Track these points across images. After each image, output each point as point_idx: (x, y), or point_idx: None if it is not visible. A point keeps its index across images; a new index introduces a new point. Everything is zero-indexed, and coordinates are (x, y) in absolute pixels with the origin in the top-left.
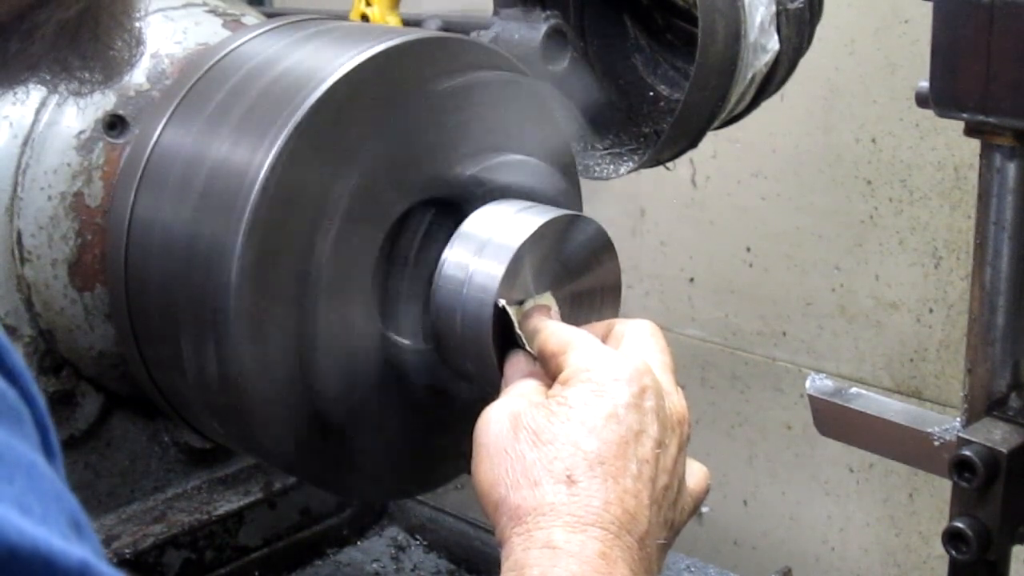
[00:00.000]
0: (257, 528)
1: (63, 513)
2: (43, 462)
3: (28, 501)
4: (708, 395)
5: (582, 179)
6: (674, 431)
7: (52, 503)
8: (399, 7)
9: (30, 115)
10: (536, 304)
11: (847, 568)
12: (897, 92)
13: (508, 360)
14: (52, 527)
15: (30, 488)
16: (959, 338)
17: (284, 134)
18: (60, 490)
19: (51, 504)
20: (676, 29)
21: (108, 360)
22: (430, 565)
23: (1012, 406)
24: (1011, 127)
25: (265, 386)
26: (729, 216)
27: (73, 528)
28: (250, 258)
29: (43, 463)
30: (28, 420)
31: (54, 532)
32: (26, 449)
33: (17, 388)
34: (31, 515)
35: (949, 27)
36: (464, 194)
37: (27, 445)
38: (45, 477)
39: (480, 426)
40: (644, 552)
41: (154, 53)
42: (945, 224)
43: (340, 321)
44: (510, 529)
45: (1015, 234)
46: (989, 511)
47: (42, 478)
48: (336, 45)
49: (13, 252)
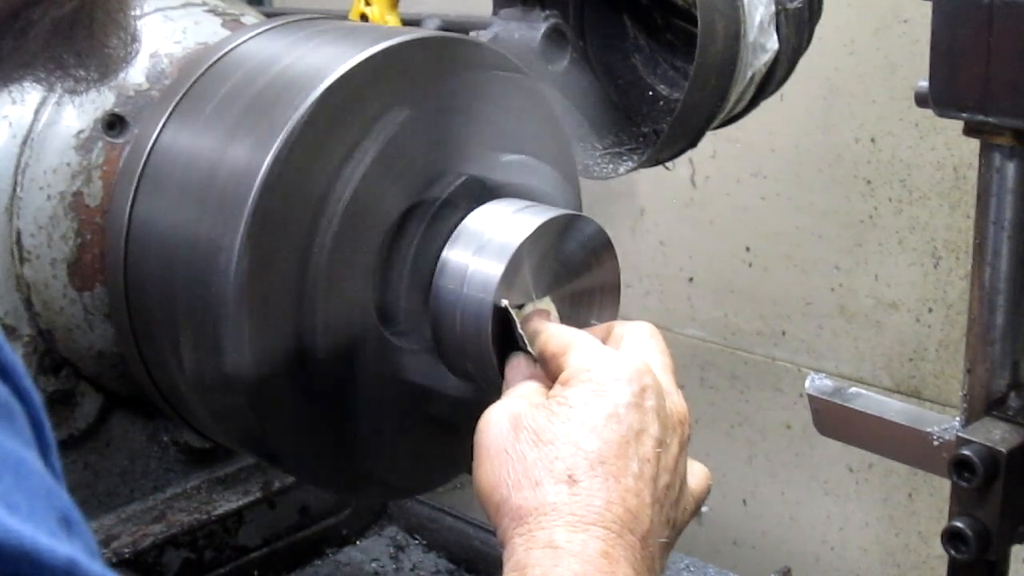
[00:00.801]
0: (257, 528)
1: (53, 510)
2: (33, 459)
3: (15, 498)
4: (708, 395)
5: (582, 179)
6: (675, 430)
7: (41, 500)
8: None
9: (29, 115)
10: (536, 308)
11: (846, 568)
12: (897, 92)
13: (509, 363)
14: (39, 524)
15: (17, 485)
16: (958, 338)
17: (284, 134)
18: (50, 487)
19: (39, 501)
20: (676, 29)
21: (108, 360)
22: (429, 565)
23: (1011, 406)
24: (1011, 127)
25: (264, 386)
26: (729, 216)
27: (63, 526)
28: (249, 258)
29: (33, 460)
30: (20, 416)
31: (41, 529)
32: (15, 445)
33: (9, 384)
34: (18, 512)
35: (949, 27)
36: (464, 194)
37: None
38: (34, 474)
39: (481, 428)
40: (646, 551)
41: (153, 53)
42: (944, 224)
43: (340, 321)
44: (512, 530)
45: (1015, 234)
46: (988, 511)
47: (31, 475)
48: (335, 45)
49: (12, 252)
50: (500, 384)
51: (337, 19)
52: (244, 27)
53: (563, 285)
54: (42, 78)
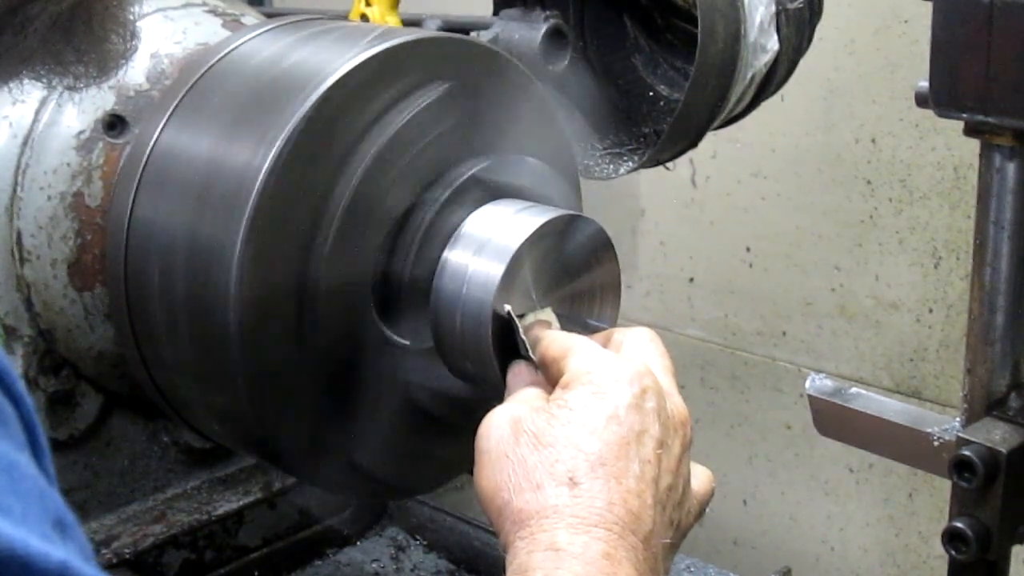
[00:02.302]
0: (257, 528)
1: (46, 513)
2: (26, 461)
3: (8, 501)
4: (708, 395)
5: (582, 179)
6: (677, 432)
7: (34, 503)
8: (399, 7)
9: (30, 115)
10: (537, 320)
11: (847, 568)
12: (897, 92)
13: (511, 370)
14: (33, 528)
15: (10, 488)
16: (959, 338)
17: (284, 134)
18: (43, 490)
19: (33, 504)
20: (676, 29)
21: (108, 360)
22: (430, 565)
23: (1012, 406)
24: (1011, 127)
25: (264, 386)
26: (729, 216)
27: (57, 529)
28: (250, 258)
29: (26, 462)
30: (13, 419)
31: (34, 533)
32: (7, 448)
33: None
34: (10, 515)
35: (949, 27)
36: (464, 194)
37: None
38: (27, 477)
39: (481, 432)
40: (649, 552)
41: (154, 53)
42: (945, 224)
43: (340, 321)
44: (514, 533)
45: (1015, 234)
46: (989, 511)
47: (24, 478)
48: (336, 45)
49: (13, 252)
50: (500, 384)
51: (337, 19)
52: (244, 27)
53: (563, 285)
54: (41, 75)
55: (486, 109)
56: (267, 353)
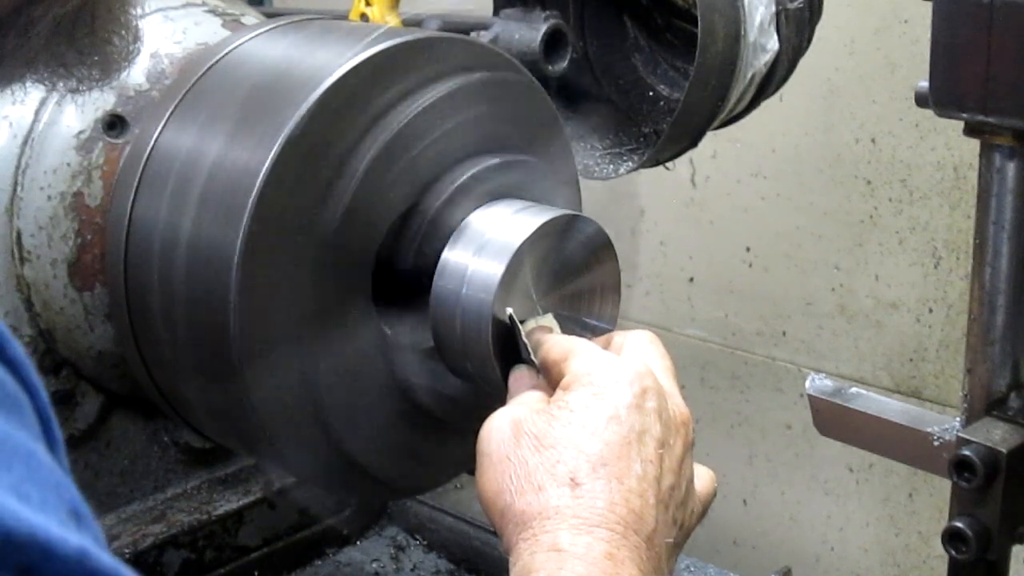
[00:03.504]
0: (257, 528)
1: (62, 502)
2: (43, 451)
3: (26, 489)
4: (708, 395)
5: (582, 179)
6: (678, 432)
7: (51, 492)
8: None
9: (30, 115)
10: (538, 325)
11: (847, 568)
12: (897, 92)
13: (512, 374)
14: (51, 515)
15: (28, 476)
16: (959, 338)
17: (284, 134)
18: (60, 479)
19: (50, 493)
20: (676, 29)
21: (108, 360)
22: (430, 565)
23: (1012, 406)
24: (1011, 127)
25: (265, 385)
26: (729, 216)
27: (73, 517)
28: (250, 257)
29: (43, 452)
30: (28, 409)
31: (52, 520)
32: (25, 438)
33: (17, 377)
34: (29, 502)
35: (949, 27)
36: (463, 194)
37: (26, 434)
38: (44, 466)
39: (483, 435)
40: (652, 552)
41: (154, 53)
42: (945, 224)
43: (340, 320)
44: (516, 535)
45: (1015, 234)
46: (989, 511)
47: (41, 467)
48: (335, 45)
49: (13, 252)
50: (500, 384)
51: (337, 19)
52: (244, 27)
53: (563, 285)
54: (44, 77)
55: (486, 110)
56: (267, 353)
